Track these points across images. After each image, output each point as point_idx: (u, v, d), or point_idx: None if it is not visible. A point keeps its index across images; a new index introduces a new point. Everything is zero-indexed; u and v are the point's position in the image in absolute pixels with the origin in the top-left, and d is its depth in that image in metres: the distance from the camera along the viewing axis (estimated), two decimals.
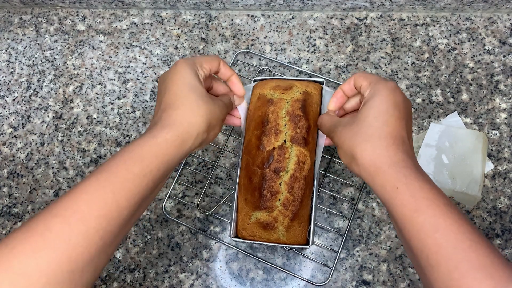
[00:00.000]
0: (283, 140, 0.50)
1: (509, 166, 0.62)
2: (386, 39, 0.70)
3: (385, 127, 0.40)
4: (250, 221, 0.51)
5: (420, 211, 0.36)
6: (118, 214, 0.36)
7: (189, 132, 0.41)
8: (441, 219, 0.35)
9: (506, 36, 0.69)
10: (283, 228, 0.50)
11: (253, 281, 0.61)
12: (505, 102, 0.65)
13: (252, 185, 0.50)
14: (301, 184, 0.49)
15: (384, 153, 0.39)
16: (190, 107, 0.42)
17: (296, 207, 0.49)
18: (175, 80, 0.44)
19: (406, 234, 0.37)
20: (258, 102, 0.53)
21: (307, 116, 0.51)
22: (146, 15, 0.76)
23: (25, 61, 0.76)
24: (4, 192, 0.68)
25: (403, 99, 0.43)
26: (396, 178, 0.38)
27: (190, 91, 0.43)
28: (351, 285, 0.59)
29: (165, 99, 0.43)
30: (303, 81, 0.55)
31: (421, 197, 0.36)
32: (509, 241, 0.59)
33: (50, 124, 0.72)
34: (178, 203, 0.65)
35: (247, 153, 0.52)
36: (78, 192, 0.35)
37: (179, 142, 0.41)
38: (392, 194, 0.38)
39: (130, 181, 0.37)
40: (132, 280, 0.62)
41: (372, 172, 0.39)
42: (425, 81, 0.68)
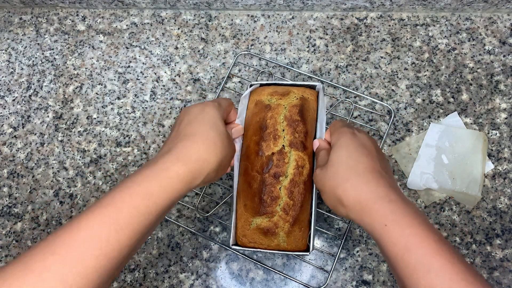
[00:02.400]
0: (281, 145, 0.50)
1: (509, 166, 0.62)
2: (386, 39, 0.70)
3: (360, 164, 0.41)
4: (250, 227, 0.51)
5: (412, 250, 0.35)
6: (119, 253, 0.34)
7: (203, 169, 0.41)
8: (434, 259, 0.34)
9: (506, 36, 0.69)
10: (284, 234, 0.50)
11: (253, 281, 0.61)
12: (505, 102, 0.65)
13: (251, 191, 0.50)
14: (300, 189, 0.50)
15: (365, 189, 0.39)
16: (209, 144, 0.41)
17: (297, 212, 0.49)
18: (201, 116, 0.44)
19: (399, 272, 0.36)
20: (255, 108, 0.53)
21: (305, 121, 0.51)
22: (146, 15, 0.76)
23: (25, 61, 0.76)
24: (4, 192, 0.68)
25: (367, 138, 0.44)
26: (383, 214, 0.38)
27: (212, 129, 0.43)
28: (351, 285, 0.59)
29: (186, 130, 0.42)
30: (299, 87, 0.55)
31: (411, 234, 0.36)
32: (509, 241, 0.59)
33: (50, 124, 0.72)
34: (178, 202, 0.65)
35: (246, 159, 0.52)
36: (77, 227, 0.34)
37: (190, 178, 0.40)
38: (381, 232, 0.37)
39: (135, 219, 0.36)
40: (132, 280, 0.62)
41: (359, 211, 0.39)
42: (425, 81, 0.68)
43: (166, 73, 0.72)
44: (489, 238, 0.60)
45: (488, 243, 0.59)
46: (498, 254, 0.59)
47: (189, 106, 0.46)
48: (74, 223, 0.34)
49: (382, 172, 0.41)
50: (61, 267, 0.32)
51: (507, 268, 0.58)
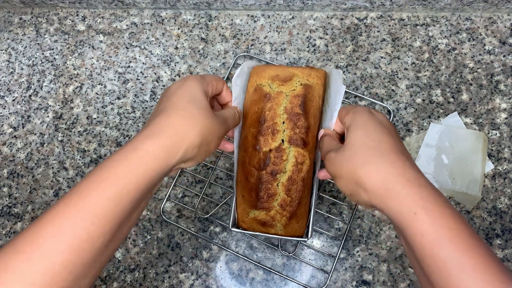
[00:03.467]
0: (280, 140, 0.47)
1: (509, 166, 0.62)
2: (386, 39, 0.70)
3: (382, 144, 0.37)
4: (248, 216, 0.50)
5: (442, 245, 0.32)
6: (90, 245, 0.32)
7: (178, 144, 0.37)
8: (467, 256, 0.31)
9: (506, 36, 0.69)
10: (281, 225, 0.49)
11: (253, 281, 0.61)
12: (505, 102, 0.65)
13: (248, 185, 0.49)
14: (299, 186, 0.48)
15: (392, 171, 0.35)
16: (184, 117, 0.38)
17: (294, 208, 0.48)
18: (178, 90, 0.40)
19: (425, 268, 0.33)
20: (254, 95, 0.49)
21: (307, 114, 0.47)
22: (146, 15, 0.76)
23: (25, 61, 0.76)
24: (4, 192, 0.68)
25: (384, 117, 0.41)
26: (412, 201, 0.34)
27: (190, 102, 0.39)
28: (351, 285, 0.59)
29: (161, 106, 0.39)
30: (304, 69, 0.49)
31: (442, 226, 0.33)
32: (509, 241, 0.59)
33: (50, 124, 0.72)
34: (177, 203, 0.65)
35: (243, 150, 0.49)
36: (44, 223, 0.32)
37: (164, 155, 0.36)
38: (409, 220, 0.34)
39: (103, 207, 0.33)
40: (132, 280, 0.62)
41: (383, 195, 0.35)
42: (425, 81, 0.67)
43: (166, 73, 0.72)
44: (489, 238, 0.60)
45: (488, 243, 0.59)
46: (498, 254, 0.59)
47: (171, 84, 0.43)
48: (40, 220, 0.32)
49: (407, 153, 0.38)
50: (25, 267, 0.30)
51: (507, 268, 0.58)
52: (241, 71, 0.49)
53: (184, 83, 0.41)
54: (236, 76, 0.49)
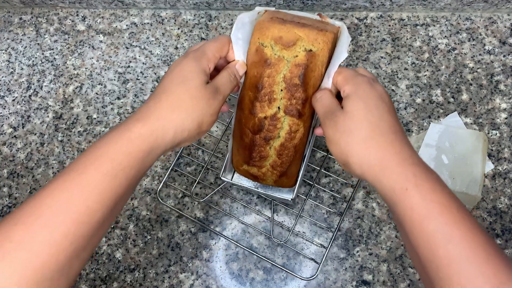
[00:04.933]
0: (276, 108, 0.46)
1: (509, 166, 0.62)
2: (386, 39, 0.70)
3: (382, 123, 0.38)
4: (242, 167, 0.53)
5: (431, 218, 0.33)
6: (89, 218, 0.33)
7: (164, 128, 0.38)
8: (455, 228, 0.32)
9: (506, 36, 0.69)
10: (272, 180, 0.53)
11: (253, 281, 0.61)
12: (505, 102, 0.65)
13: (243, 143, 0.50)
14: (290, 151, 0.48)
15: (390, 150, 0.37)
16: (171, 101, 0.39)
17: (284, 169, 0.50)
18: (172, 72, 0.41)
19: (413, 241, 0.34)
20: (255, 56, 0.46)
21: (306, 86, 0.45)
22: (146, 15, 0.76)
23: (25, 61, 0.76)
24: (4, 192, 0.68)
25: (383, 90, 0.41)
26: (405, 178, 0.35)
27: (179, 84, 0.40)
28: (351, 285, 0.59)
29: (154, 91, 0.40)
30: (311, 32, 0.45)
31: (432, 201, 0.34)
32: (509, 241, 0.59)
33: (50, 124, 0.72)
34: (176, 196, 0.65)
35: (241, 110, 0.49)
36: (42, 196, 0.33)
37: (154, 138, 0.37)
38: (400, 196, 0.35)
39: (100, 182, 0.34)
40: (132, 280, 0.62)
41: (378, 172, 0.36)
42: (425, 81, 0.67)
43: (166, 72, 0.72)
44: None
45: None
46: None
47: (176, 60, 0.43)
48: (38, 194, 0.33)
49: (402, 131, 0.39)
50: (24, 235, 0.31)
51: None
52: (242, 24, 0.47)
53: (180, 63, 0.41)
54: (236, 29, 0.46)
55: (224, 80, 0.43)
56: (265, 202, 0.64)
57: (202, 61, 0.41)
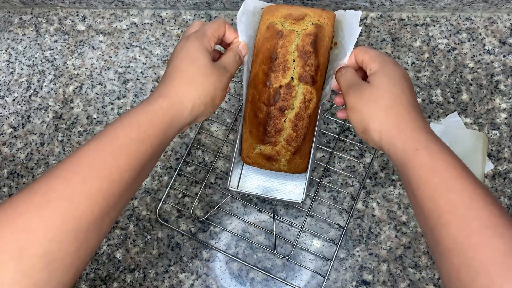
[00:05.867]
0: (290, 77, 0.49)
1: (509, 166, 0.62)
2: (386, 39, 0.70)
3: (403, 96, 0.42)
4: (254, 151, 0.53)
5: (437, 172, 0.36)
6: (119, 176, 0.36)
7: (183, 102, 0.42)
8: (457, 181, 0.36)
9: (506, 36, 0.69)
10: (285, 160, 0.53)
11: (253, 281, 0.61)
12: (505, 102, 0.65)
13: (257, 120, 0.51)
14: (305, 122, 0.50)
15: (407, 118, 0.41)
16: (186, 79, 0.43)
17: (299, 143, 0.51)
18: (179, 53, 0.45)
19: (419, 195, 0.37)
20: (267, 32, 0.51)
21: (317, 53, 0.49)
22: (146, 15, 0.76)
23: (25, 61, 0.76)
24: (4, 192, 0.68)
25: (405, 72, 0.45)
26: (418, 140, 0.39)
27: (189, 64, 0.44)
28: (351, 285, 0.59)
29: (166, 72, 0.44)
30: (316, 10, 0.51)
31: (439, 159, 0.37)
32: None
33: (50, 124, 0.72)
34: (176, 204, 0.65)
35: (254, 87, 0.51)
36: (78, 156, 0.36)
37: (174, 111, 0.41)
38: (411, 155, 0.38)
39: (129, 145, 0.38)
40: (132, 280, 0.62)
41: (394, 136, 0.40)
42: (425, 81, 0.68)
43: None
44: None
45: None
46: None
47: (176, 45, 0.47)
48: (73, 154, 0.36)
49: (420, 108, 0.43)
50: (65, 188, 0.34)
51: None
52: (246, 9, 0.51)
53: (185, 44, 0.45)
54: (241, 13, 0.51)
55: (230, 59, 0.48)
56: (266, 207, 0.64)
57: (204, 40, 0.45)
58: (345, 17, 0.52)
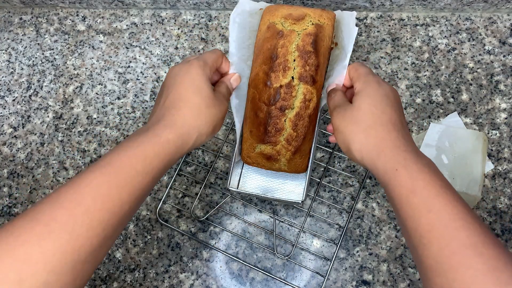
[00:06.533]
0: (290, 77, 0.49)
1: (509, 166, 0.62)
2: (386, 39, 0.70)
3: (383, 116, 0.43)
4: (255, 151, 0.53)
5: (416, 192, 0.37)
6: (120, 209, 0.37)
7: (190, 134, 0.43)
8: (436, 200, 0.36)
9: (506, 36, 0.69)
10: (285, 160, 0.53)
11: (253, 281, 0.61)
12: (505, 102, 0.65)
13: (257, 120, 0.51)
14: (305, 122, 0.50)
15: (386, 137, 0.42)
16: (192, 110, 0.43)
17: (299, 143, 0.51)
18: (184, 79, 0.44)
19: (402, 214, 0.38)
20: (267, 32, 0.51)
21: (318, 53, 0.49)
22: (146, 15, 0.76)
23: (25, 61, 0.76)
24: (4, 192, 0.68)
25: (390, 89, 0.46)
26: (397, 160, 0.40)
27: (195, 94, 0.44)
28: (351, 285, 0.59)
29: (170, 97, 0.44)
30: (316, 10, 0.52)
31: (418, 178, 0.38)
32: (509, 241, 0.59)
33: (50, 124, 0.72)
34: (176, 204, 0.65)
35: (254, 87, 0.51)
36: (83, 184, 0.36)
37: (180, 143, 0.42)
38: (391, 176, 0.39)
39: (134, 178, 0.38)
40: (132, 280, 0.62)
41: (375, 156, 0.41)
42: (425, 81, 0.68)
43: (166, 73, 0.72)
44: None
45: None
46: None
47: (174, 66, 0.46)
48: (78, 180, 0.36)
49: (402, 124, 0.44)
50: (68, 218, 0.34)
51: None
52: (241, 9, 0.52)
53: (188, 71, 0.45)
54: (236, 14, 0.51)
55: (225, 90, 0.48)
56: (266, 207, 0.64)
57: (206, 69, 0.45)
58: (343, 18, 0.53)
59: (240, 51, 0.52)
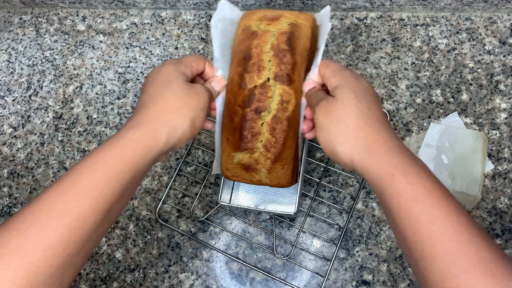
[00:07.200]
0: (266, 78, 0.46)
1: (509, 166, 0.62)
2: (386, 39, 0.70)
3: (371, 113, 0.39)
4: (233, 161, 0.49)
5: (417, 200, 0.34)
6: (82, 223, 0.34)
7: (158, 130, 0.39)
8: (439, 210, 0.33)
9: (506, 36, 0.69)
10: (265, 170, 0.49)
11: (253, 281, 0.61)
12: (505, 102, 0.65)
13: (233, 125, 0.48)
14: (283, 126, 0.47)
15: (379, 138, 0.38)
16: (160, 105, 0.40)
17: (278, 149, 0.47)
18: (155, 79, 0.42)
19: (400, 224, 0.35)
20: (242, 35, 0.49)
21: (293, 51, 0.46)
22: (146, 15, 0.76)
23: (25, 61, 0.76)
24: (4, 192, 0.68)
25: (368, 84, 0.43)
26: (393, 164, 0.36)
27: (164, 88, 0.41)
28: (351, 285, 0.59)
29: (141, 100, 0.42)
30: (292, 12, 0.49)
31: (418, 185, 0.35)
32: (509, 241, 0.59)
33: (50, 124, 0.72)
34: (176, 204, 0.65)
35: (229, 91, 0.48)
36: (38, 203, 0.34)
37: (147, 142, 0.38)
38: (387, 181, 0.36)
39: (94, 187, 0.35)
40: (132, 280, 0.62)
41: (367, 159, 0.38)
42: (425, 81, 0.67)
43: None
44: None
45: None
46: None
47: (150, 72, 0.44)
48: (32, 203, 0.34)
49: (389, 124, 0.41)
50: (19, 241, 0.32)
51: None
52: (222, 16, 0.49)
53: (160, 71, 0.43)
54: (217, 19, 0.49)
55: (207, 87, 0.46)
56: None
57: (179, 66, 0.43)
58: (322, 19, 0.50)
59: (224, 57, 0.49)
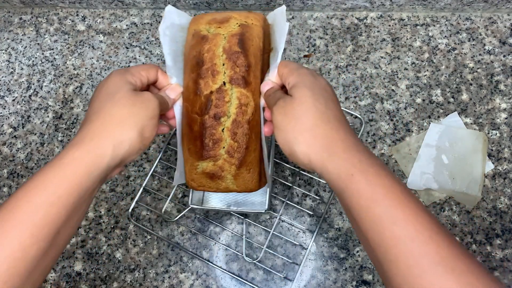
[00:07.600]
0: (221, 82, 0.45)
1: (509, 166, 0.62)
2: (386, 39, 0.70)
3: (329, 111, 0.39)
4: (197, 171, 0.48)
5: (377, 201, 0.34)
6: (22, 254, 0.32)
7: (100, 146, 0.37)
8: (399, 210, 0.33)
9: (506, 36, 0.69)
10: (231, 176, 0.47)
11: (253, 281, 0.61)
12: (505, 102, 0.65)
13: (193, 134, 0.46)
14: (244, 129, 0.45)
15: (337, 137, 0.37)
16: (103, 118, 0.38)
17: (242, 154, 0.46)
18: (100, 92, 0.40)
19: (362, 225, 0.35)
20: (192, 40, 0.47)
21: (246, 52, 0.45)
22: (146, 15, 0.76)
23: (25, 61, 0.76)
24: (4, 192, 0.68)
25: (326, 82, 0.42)
26: (352, 163, 0.36)
27: (107, 100, 0.39)
28: (351, 285, 0.59)
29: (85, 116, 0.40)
30: (242, 13, 0.49)
31: (377, 185, 0.34)
32: (509, 241, 0.59)
33: (50, 124, 0.72)
34: (176, 204, 0.65)
35: (186, 99, 0.47)
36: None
37: (90, 159, 0.36)
38: (347, 181, 0.35)
39: (33, 214, 0.33)
40: (132, 280, 0.62)
41: (325, 159, 0.37)
42: (425, 81, 0.68)
43: None
44: (489, 238, 0.60)
45: (488, 243, 0.59)
46: (498, 254, 0.59)
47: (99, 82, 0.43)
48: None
49: (346, 122, 0.40)
50: None
51: (507, 268, 0.58)
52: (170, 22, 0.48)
53: (106, 82, 0.41)
54: (165, 26, 0.47)
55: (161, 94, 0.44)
56: None
57: (126, 75, 0.41)
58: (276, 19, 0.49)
59: (177, 63, 0.48)
